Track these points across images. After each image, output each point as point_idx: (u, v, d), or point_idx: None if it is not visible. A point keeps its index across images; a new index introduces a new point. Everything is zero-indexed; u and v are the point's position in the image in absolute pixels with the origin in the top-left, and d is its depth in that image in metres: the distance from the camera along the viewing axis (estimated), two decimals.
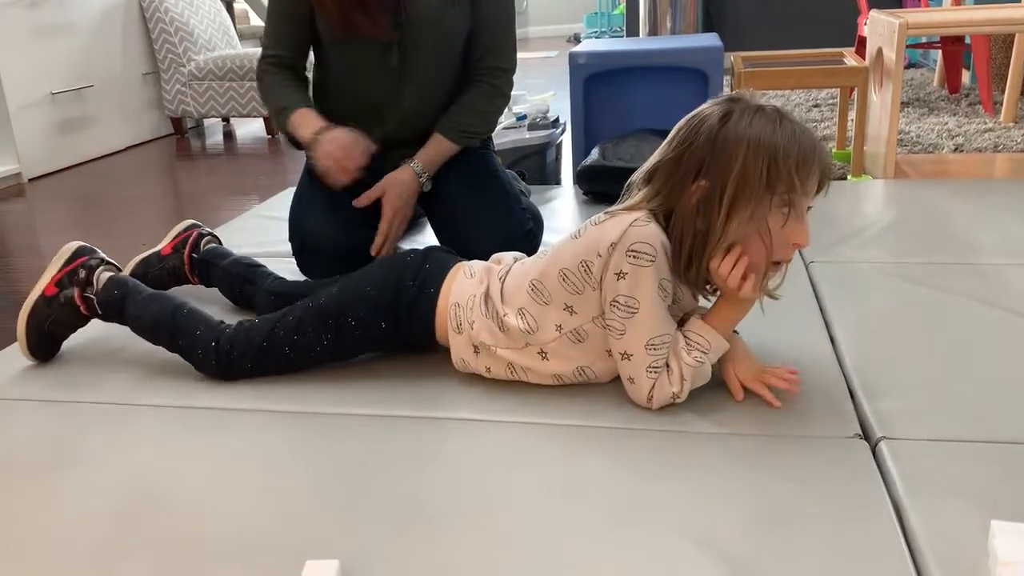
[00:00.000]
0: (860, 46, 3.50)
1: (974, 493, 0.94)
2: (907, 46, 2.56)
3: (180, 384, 1.33)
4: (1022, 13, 2.42)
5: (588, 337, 1.18)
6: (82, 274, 1.43)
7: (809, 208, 1.12)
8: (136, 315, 1.37)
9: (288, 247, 1.71)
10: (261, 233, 2.11)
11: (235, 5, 5.03)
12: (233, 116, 4.08)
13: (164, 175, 3.44)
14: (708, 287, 1.18)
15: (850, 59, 2.69)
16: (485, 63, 1.71)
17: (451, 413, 1.20)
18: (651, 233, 1.10)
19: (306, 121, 1.60)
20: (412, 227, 1.96)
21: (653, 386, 1.13)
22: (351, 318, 1.27)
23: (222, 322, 1.34)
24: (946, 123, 3.13)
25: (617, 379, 1.19)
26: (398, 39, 1.61)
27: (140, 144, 4.05)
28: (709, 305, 1.20)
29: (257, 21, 5.29)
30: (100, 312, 1.41)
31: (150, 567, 0.92)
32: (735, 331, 1.21)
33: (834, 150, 2.82)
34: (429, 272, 1.29)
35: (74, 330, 1.46)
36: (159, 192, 3.11)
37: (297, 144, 1.65)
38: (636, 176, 1.16)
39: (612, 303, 1.13)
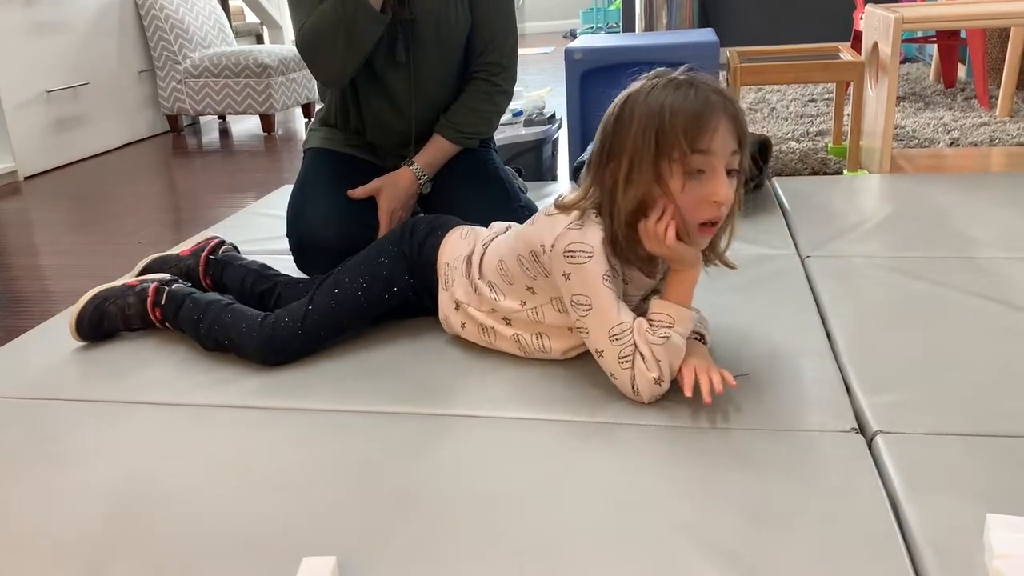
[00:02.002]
0: (856, 41, 3.50)
1: (970, 486, 0.95)
2: (903, 40, 2.56)
3: (176, 382, 1.33)
4: (1017, 7, 2.42)
5: (545, 319, 1.26)
6: (169, 276, 1.53)
7: (734, 169, 1.10)
8: (194, 301, 1.43)
9: (285, 244, 1.71)
10: (257, 230, 2.11)
11: (230, 2, 5.02)
12: (229, 113, 4.08)
13: (160, 173, 3.43)
14: (652, 264, 1.19)
15: (846, 54, 2.69)
16: (484, 59, 1.71)
17: (448, 409, 1.20)
18: (582, 234, 1.14)
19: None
20: None
21: (633, 377, 1.14)
22: (383, 256, 1.39)
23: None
24: (942, 117, 3.13)
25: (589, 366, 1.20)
26: (400, 19, 1.60)
27: (136, 142, 4.05)
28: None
29: (252, 18, 5.28)
30: (164, 302, 1.45)
31: (146, 565, 0.92)
32: (701, 338, 1.22)
33: (830, 145, 2.82)
34: (439, 223, 1.42)
35: (125, 325, 1.48)
36: (155, 190, 3.10)
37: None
38: (583, 170, 1.20)
39: (571, 303, 1.17)
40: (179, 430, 1.19)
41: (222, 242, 1.68)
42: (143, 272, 1.64)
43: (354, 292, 1.36)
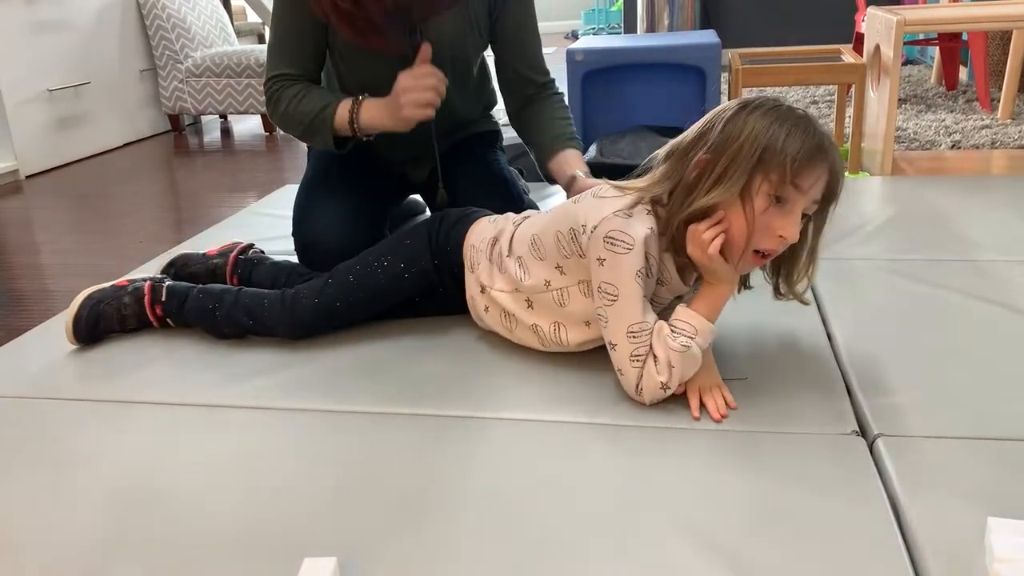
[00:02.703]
0: (858, 43, 3.50)
1: (971, 490, 0.95)
2: (904, 43, 2.56)
3: (177, 381, 1.33)
4: (1019, 9, 2.42)
5: (569, 302, 1.24)
6: (159, 275, 1.54)
7: (807, 215, 1.12)
8: (203, 292, 1.44)
9: (286, 244, 1.71)
10: (259, 230, 2.10)
11: (232, 2, 5.02)
12: (230, 113, 4.08)
13: (161, 172, 3.43)
14: (690, 268, 1.19)
15: (848, 56, 2.69)
16: (537, 79, 1.70)
17: (450, 410, 1.20)
18: (628, 224, 1.13)
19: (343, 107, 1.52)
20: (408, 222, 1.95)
21: (641, 377, 1.14)
22: (407, 238, 1.40)
23: None
24: (943, 120, 3.13)
25: (615, 372, 1.19)
26: (412, 54, 1.55)
27: (137, 141, 4.05)
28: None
29: (254, 17, 5.28)
30: (164, 299, 1.45)
31: (147, 565, 0.92)
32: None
33: None
34: (469, 213, 1.43)
35: (121, 326, 1.48)
36: (156, 189, 3.10)
37: (342, 141, 1.55)
38: (661, 151, 1.18)
39: (598, 289, 1.17)
40: (180, 430, 1.19)
41: (251, 245, 1.69)
42: (168, 267, 1.65)
43: (374, 269, 1.38)
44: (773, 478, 0.99)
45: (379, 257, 1.39)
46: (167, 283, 1.49)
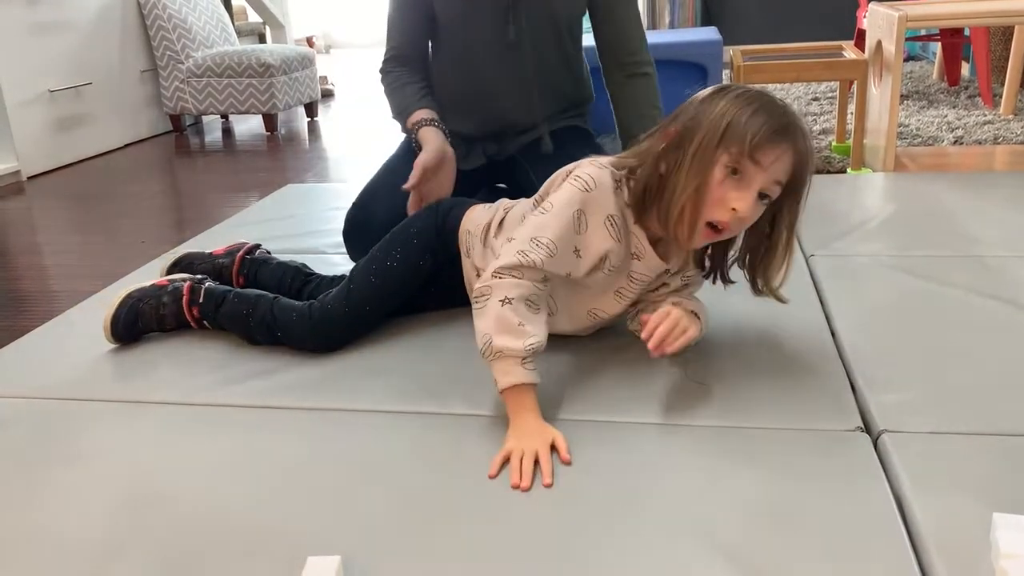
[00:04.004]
0: (859, 39, 3.50)
1: (976, 486, 0.95)
2: (906, 39, 2.55)
3: (180, 382, 1.33)
4: (1021, 5, 2.42)
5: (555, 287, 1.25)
6: (198, 276, 1.54)
7: (768, 195, 1.12)
8: (239, 296, 1.44)
9: (288, 244, 1.71)
10: (261, 230, 2.10)
11: (233, 2, 5.02)
12: (231, 113, 4.07)
13: (163, 172, 3.43)
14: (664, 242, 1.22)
15: (849, 52, 2.68)
16: (633, 57, 1.74)
17: (452, 408, 1.20)
18: (600, 175, 1.19)
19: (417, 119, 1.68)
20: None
21: (496, 267, 1.15)
22: (412, 227, 1.42)
23: None
24: (946, 116, 3.12)
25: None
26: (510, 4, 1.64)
27: (139, 142, 4.04)
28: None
29: (255, 17, 5.28)
30: (201, 301, 1.45)
31: (151, 564, 0.92)
32: (699, 316, 1.22)
33: (834, 143, 2.82)
34: (463, 200, 1.47)
35: (159, 325, 1.48)
36: (158, 190, 3.10)
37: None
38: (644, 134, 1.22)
39: (540, 209, 1.20)
40: (185, 430, 1.19)
41: (258, 245, 1.68)
42: (173, 266, 1.64)
43: (391, 265, 1.39)
44: (777, 474, 0.99)
45: (390, 252, 1.40)
46: (206, 284, 1.48)
